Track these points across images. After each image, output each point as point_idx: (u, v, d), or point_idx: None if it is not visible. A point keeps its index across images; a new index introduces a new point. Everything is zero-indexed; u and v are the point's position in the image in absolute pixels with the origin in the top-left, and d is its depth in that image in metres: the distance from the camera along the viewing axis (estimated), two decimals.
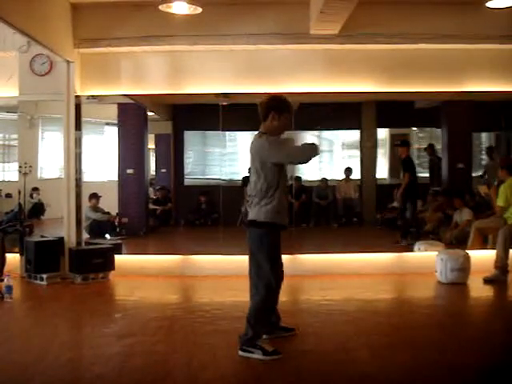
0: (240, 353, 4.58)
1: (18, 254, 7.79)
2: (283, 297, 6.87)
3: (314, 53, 7.83)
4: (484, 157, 11.29)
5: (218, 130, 9.94)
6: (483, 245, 8.25)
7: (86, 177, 8.40)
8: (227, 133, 11.68)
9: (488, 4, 6.80)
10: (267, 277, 4.60)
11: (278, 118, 4.68)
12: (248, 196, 4.85)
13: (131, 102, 9.51)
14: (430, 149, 11.21)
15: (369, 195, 11.87)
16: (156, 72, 8.13)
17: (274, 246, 4.66)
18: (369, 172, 12.08)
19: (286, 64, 7.86)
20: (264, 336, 4.76)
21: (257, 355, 4.51)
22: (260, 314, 4.64)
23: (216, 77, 7.91)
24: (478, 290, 7.04)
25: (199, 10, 6.70)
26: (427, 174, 11.64)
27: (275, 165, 4.57)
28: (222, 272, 7.77)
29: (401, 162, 9.81)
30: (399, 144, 9.92)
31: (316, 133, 12.53)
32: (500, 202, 7.51)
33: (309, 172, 12.20)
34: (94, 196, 9.97)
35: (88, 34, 7.55)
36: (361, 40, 7.45)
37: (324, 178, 12.01)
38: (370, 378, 4.18)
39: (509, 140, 11.13)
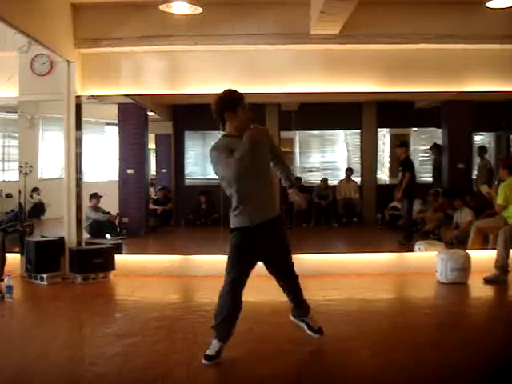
0: None
1: (18, 254, 7.80)
2: (284, 297, 6.86)
3: (314, 53, 7.82)
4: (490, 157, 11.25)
5: (219, 130, 9.93)
6: (483, 245, 8.25)
7: (87, 177, 8.40)
8: None
9: (488, 4, 6.81)
10: None
11: (236, 116, 4.39)
12: None
13: (131, 102, 9.51)
14: (435, 148, 11.18)
15: (369, 195, 11.88)
16: (156, 72, 8.13)
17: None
18: (369, 172, 12.09)
19: (287, 64, 7.85)
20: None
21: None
22: None
23: (216, 77, 7.90)
24: (479, 289, 7.03)
25: (199, 10, 6.71)
26: (427, 174, 11.65)
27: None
28: (222, 272, 7.72)
29: (400, 163, 9.85)
30: (399, 145, 10.01)
31: (316, 133, 12.55)
32: (499, 201, 7.52)
33: (309, 172, 12.24)
34: (95, 196, 9.98)
35: (88, 33, 7.55)
36: (361, 40, 7.44)
37: (324, 178, 12.01)
38: (370, 378, 4.18)
39: (508, 140, 11.13)
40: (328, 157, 12.75)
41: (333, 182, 12.03)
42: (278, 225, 4.64)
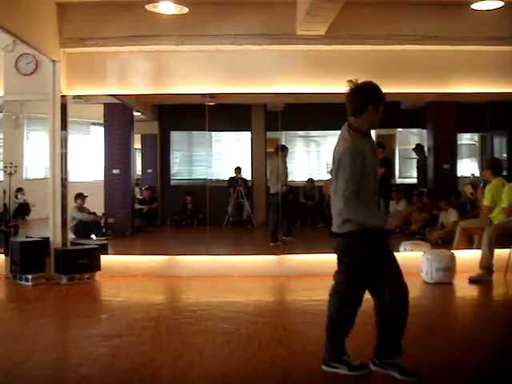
0: (324, 368, 4.27)
1: (3, 255, 7.75)
2: (271, 297, 6.87)
3: (301, 53, 7.84)
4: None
5: (204, 130, 9.94)
6: (469, 245, 8.29)
7: (72, 177, 8.36)
8: (213, 133, 11.68)
9: (473, 6, 6.85)
10: None
11: (376, 112, 4.20)
12: None
13: (117, 102, 9.47)
14: (419, 149, 11.22)
15: None
16: (142, 72, 8.11)
17: None
18: None
19: (272, 64, 7.87)
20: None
21: (342, 370, 4.22)
22: None
23: (202, 77, 7.91)
24: (464, 289, 7.07)
25: (186, 10, 6.70)
26: (412, 175, 11.69)
27: None
28: (208, 272, 7.77)
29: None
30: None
31: (302, 133, 12.56)
32: (486, 202, 7.57)
33: (296, 172, 12.23)
34: (80, 196, 9.91)
35: (74, 33, 7.51)
36: (347, 41, 7.47)
37: (310, 179, 12.02)
38: (356, 377, 4.19)
39: (493, 141, 11.20)
40: (314, 157, 12.77)
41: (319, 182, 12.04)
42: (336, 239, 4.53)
